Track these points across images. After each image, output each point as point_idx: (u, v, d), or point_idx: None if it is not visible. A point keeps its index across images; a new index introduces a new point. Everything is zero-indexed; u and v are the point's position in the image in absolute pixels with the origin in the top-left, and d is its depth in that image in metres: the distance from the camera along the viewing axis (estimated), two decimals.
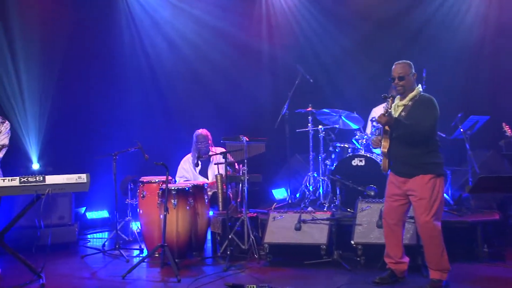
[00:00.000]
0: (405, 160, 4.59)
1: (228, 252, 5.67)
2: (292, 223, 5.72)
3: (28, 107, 7.43)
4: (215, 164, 6.52)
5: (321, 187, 7.04)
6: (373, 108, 7.01)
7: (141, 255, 6.18)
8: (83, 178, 4.91)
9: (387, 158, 4.64)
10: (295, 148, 7.83)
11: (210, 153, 6.66)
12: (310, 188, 7.21)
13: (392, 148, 4.59)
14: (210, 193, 6.48)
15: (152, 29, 8.53)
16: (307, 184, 7.28)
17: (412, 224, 5.18)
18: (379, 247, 5.10)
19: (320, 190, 7.03)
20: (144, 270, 5.59)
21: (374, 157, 6.39)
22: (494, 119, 6.78)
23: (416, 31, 8.05)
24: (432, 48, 7.88)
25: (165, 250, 5.40)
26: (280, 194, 8.07)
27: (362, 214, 5.63)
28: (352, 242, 5.48)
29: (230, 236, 5.78)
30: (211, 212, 6.32)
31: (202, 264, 5.85)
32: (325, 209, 6.47)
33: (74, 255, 6.35)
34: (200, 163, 6.62)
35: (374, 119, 6.40)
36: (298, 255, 5.62)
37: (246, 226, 5.86)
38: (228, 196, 6.11)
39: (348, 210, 6.35)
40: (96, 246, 6.69)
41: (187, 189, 5.98)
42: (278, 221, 5.82)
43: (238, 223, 5.96)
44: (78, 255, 6.30)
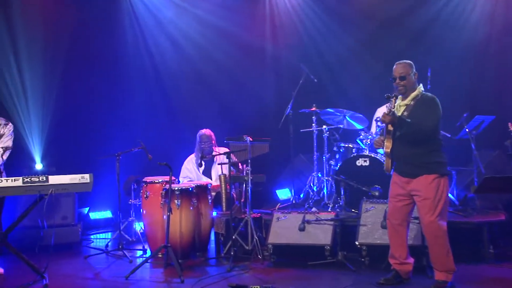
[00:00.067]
0: (408, 160, 4.57)
1: (232, 253, 5.66)
2: (296, 224, 5.70)
3: (31, 107, 7.44)
4: (219, 164, 6.50)
5: (325, 188, 7.01)
6: (377, 108, 6.98)
7: (144, 256, 6.18)
8: (86, 178, 4.90)
9: (390, 158, 4.62)
10: (299, 148, 7.81)
11: (214, 153, 6.64)
12: (314, 189, 7.20)
13: (395, 148, 4.58)
14: (214, 193, 6.46)
15: (155, 28, 8.52)
16: (311, 185, 7.26)
17: (416, 225, 5.15)
18: (384, 248, 5.08)
19: (324, 191, 7.01)
20: (147, 270, 5.59)
21: (378, 157, 6.35)
22: (500, 119, 6.73)
23: (421, 30, 8.00)
24: (437, 47, 7.84)
25: (168, 251, 5.39)
26: (284, 194, 8.04)
27: (366, 215, 5.61)
28: (357, 243, 5.46)
29: (233, 237, 5.76)
30: (214, 213, 6.31)
31: (205, 264, 5.84)
32: (329, 209, 6.44)
33: (77, 255, 6.35)
34: (203, 163, 6.60)
35: (379, 119, 6.37)
36: (302, 255, 5.60)
37: (250, 227, 5.84)
38: (231, 196, 6.10)
39: (353, 210, 6.31)
40: (99, 247, 6.70)
41: (190, 189, 5.97)
42: (282, 221, 5.81)
43: (241, 223, 5.94)
44: (81, 255, 6.30)
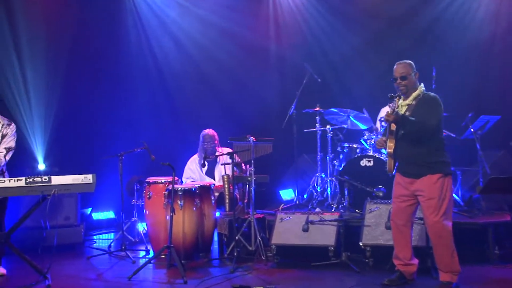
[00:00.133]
0: (411, 160, 4.56)
1: (235, 254, 5.63)
2: (299, 224, 5.67)
3: (34, 107, 7.43)
4: (222, 164, 6.48)
5: (329, 188, 7.00)
6: (381, 108, 6.95)
7: (147, 256, 6.16)
8: (89, 178, 4.89)
9: (393, 158, 4.60)
10: (303, 148, 7.79)
11: (217, 153, 6.62)
12: (318, 189, 7.18)
13: (398, 148, 4.56)
14: (217, 193, 6.44)
15: (158, 28, 8.50)
16: (315, 185, 7.25)
17: (421, 226, 5.13)
18: (388, 249, 5.06)
19: (328, 191, 6.99)
20: (150, 271, 5.57)
21: (382, 157, 6.33)
22: (505, 118, 6.71)
23: (425, 30, 7.97)
24: (442, 46, 7.80)
25: (171, 251, 5.38)
26: (287, 195, 8.03)
27: (370, 215, 5.58)
28: (361, 244, 5.44)
29: (237, 237, 5.74)
30: (217, 213, 6.29)
31: (208, 265, 5.83)
32: (333, 210, 6.43)
33: (80, 256, 6.34)
34: (206, 164, 6.59)
35: (383, 119, 6.35)
36: (305, 256, 5.57)
37: (253, 227, 5.82)
38: (235, 197, 6.08)
39: (357, 211, 6.29)
40: (102, 247, 6.69)
41: (193, 189, 5.95)
42: (285, 222, 5.78)
43: (245, 224, 5.92)
44: (84, 256, 6.29)
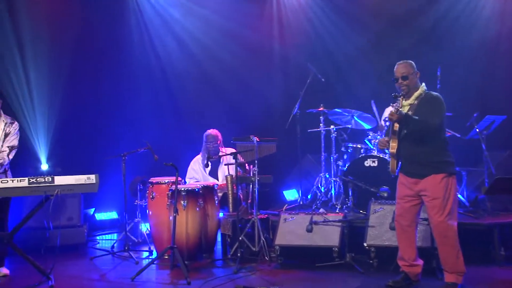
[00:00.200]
0: (415, 160, 4.55)
1: (239, 254, 5.61)
2: (303, 225, 5.65)
3: (37, 107, 7.43)
4: (225, 164, 6.46)
5: (333, 188, 6.98)
6: (385, 108, 6.91)
7: (150, 257, 6.15)
8: (92, 179, 4.89)
9: (396, 159, 4.58)
10: (307, 149, 7.78)
11: (220, 153, 6.61)
12: (322, 189, 7.17)
13: (401, 148, 4.55)
14: (220, 194, 6.43)
15: (161, 28, 8.49)
16: (319, 185, 7.24)
17: (426, 226, 5.12)
18: (392, 250, 5.04)
19: (332, 191, 6.98)
20: (153, 272, 5.56)
21: (387, 157, 6.27)
22: (511, 118, 6.66)
23: (430, 29, 7.93)
24: (447, 46, 7.76)
25: (174, 252, 5.36)
26: (291, 195, 8.00)
27: (375, 216, 5.56)
28: (365, 244, 5.41)
29: (240, 238, 5.72)
30: (221, 214, 6.27)
31: (212, 266, 5.81)
32: (337, 210, 6.42)
33: (83, 256, 6.32)
34: (210, 164, 6.56)
35: (387, 118, 6.32)
36: (309, 257, 5.55)
37: (257, 228, 5.79)
38: (238, 197, 6.06)
39: (361, 211, 6.28)
40: (105, 248, 6.67)
41: (197, 190, 5.94)
42: (289, 222, 5.76)
43: (248, 224, 5.90)
44: (87, 256, 6.27)
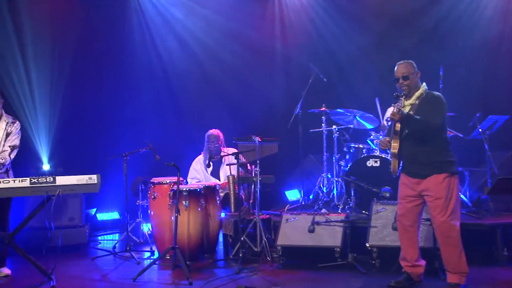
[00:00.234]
0: (416, 159, 4.54)
1: (240, 255, 5.59)
2: (305, 225, 5.63)
3: (38, 107, 7.43)
4: (227, 165, 6.44)
5: (335, 189, 6.96)
6: (387, 108, 6.90)
7: (152, 257, 6.14)
8: (93, 179, 4.88)
9: (397, 159, 4.56)
10: (309, 149, 7.76)
11: (222, 153, 6.59)
12: (324, 190, 7.15)
13: (403, 148, 4.54)
14: (222, 194, 6.41)
15: (163, 28, 8.48)
16: (321, 185, 7.22)
17: (428, 226, 5.09)
18: (395, 250, 5.01)
19: (334, 192, 6.96)
20: (155, 272, 5.55)
21: (389, 158, 6.27)
22: None
23: (433, 29, 7.90)
24: (449, 45, 7.73)
25: (176, 252, 5.35)
26: (293, 195, 7.99)
27: (377, 216, 5.54)
28: (367, 245, 5.40)
29: (242, 238, 5.70)
30: (223, 214, 6.26)
31: (213, 266, 5.80)
32: (339, 211, 6.40)
33: (84, 256, 6.32)
34: (211, 164, 6.55)
35: (389, 119, 6.31)
36: (311, 257, 5.54)
37: (259, 228, 5.78)
38: (240, 197, 6.05)
39: (363, 212, 6.26)
40: (106, 248, 6.66)
41: (198, 190, 5.93)
42: (291, 223, 5.74)
43: (250, 225, 5.89)
44: (89, 257, 6.27)
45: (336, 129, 7.06)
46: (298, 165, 7.78)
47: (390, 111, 6.69)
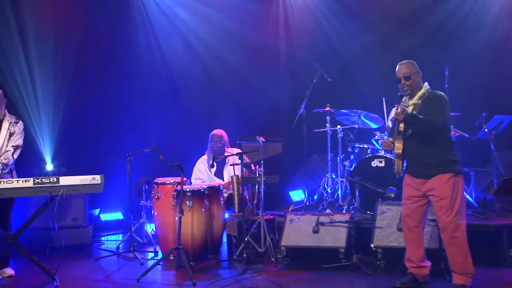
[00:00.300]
0: (421, 159, 4.51)
1: (244, 255, 5.57)
2: (309, 226, 5.61)
3: (41, 107, 7.43)
4: (231, 165, 6.43)
5: (339, 189, 6.94)
6: (392, 108, 6.85)
7: (155, 258, 6.13)
8: (97, 179, 4.87)
9: (401, 159, 4.54)
10: (313, 149, 7.74)
11: (226, 153, 6.57)
12: (328, 190, 7.13)
13: (407, 148, 4.51)
14: (226, 194, 6.39)
15: (167, 28, 8.47)
16: (325, 186, 7.20)
17: (433, 227, 5.07)
18: (400, 251, 5.00)
19: (339, 192, 6.94)
20: (158, 273, 5.54)
21: (393, 158, 6.23)
22: None
23: (438, 28, 7.86)
24: (455, 45, 7.69)
25: (180, 253, 5.34)
26: (297, 196, 7.97)
27: (382, 217, 5.51)
28: (372, 246, 5.37)
29: (246, 239, 5.68)
30: (226, 214, 6.24)
31: (217, 267, 5.78)
32: (343, 211, 6.38)
33: (88, 257, 6.32)
34: (215, 164, 6.53)
35: (393, 118, 6.28)
36: (316, 258, 5.51)
37: (263, 229, 5.76)
38: (244, 198, 6.04)
39: (368, 212, 6.23)
40: (110, 248, 6.65)
41: (202, 190, 5.91)
42: (295, 223, 5.72)
43: (254, 225, 5.86)
44: (92, 257, 6.26)
45: (341, 129, 7.03)
46: (303, 165, 7.75)
47: (394, 111, 6.68)
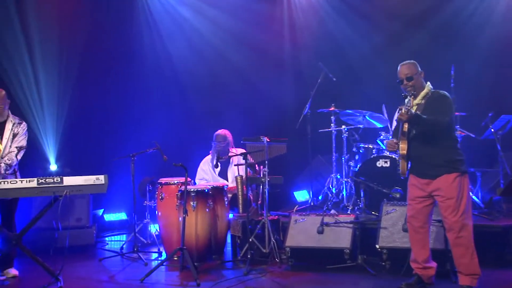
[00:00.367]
0: (426, 160, 4.49)
1: (249, 256, 5.55)
2: (314, 226, 5.58)
3: (46, 108, 7.45)
4: (235, 165, 6.41)
5: (344, 189, 6.92)
6: (396, 110, 6.83)
7: (159, 258, 6.13)
8: (101, 179, 4.87)
9: (406, 160, 4.52)
10: (318, 149, 7.72)
11: (230, 154, 6.55)
12: (333, 190, 7.11)
13: (412, 148, 4.50)
14: (230, 195, 6.37)
15: (171, 28, 8.46)
16: (330, 186, 7.18)
17: (438, 228, 5.03)
18: (405, 252, 4.96)
19: (344, 192, 6.92)
20: (162, 273, 5.54)
21: (399, 158, 6.20)
22: None
23: (444, 27, 7.81)
24: (461, 44, 7.63)
25: (184, 253, 5.33)
26: (302, 196, 7.95)
27: (387, 217, 5.48)
28: (377, 246, 5.33)
29: (250, 239, 5.66)
30: (231, 215, 6.22)
31: (221, 267, 5.77)
32: (348, 212, 6.37)
33: (92, 257, 6.32)
34: (219, 165, 6.51)
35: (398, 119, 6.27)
36: (320, 259, 5.48)
37: (267, 229, 5.74)
38: (248, 198, 6.02)
39: (373, 213, 6.21)
40: (114, 249, 6.64)
41: (206, 190, 5.89)
42: (300, 224, 5.69)
43: (258, 226, 5.84)
44: (96, 257, 6.26)
45: (346, 129, 7.01)
46: (307, 165, 7.73)
47: (398, 112, 6.65)
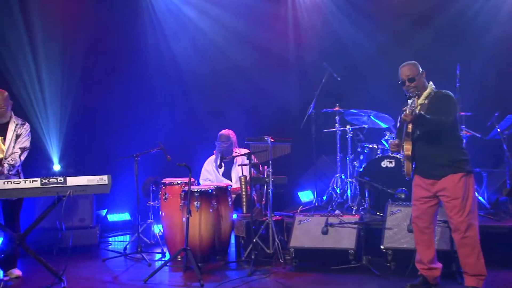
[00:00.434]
0: (430, 160, 4.47)
1: (253, 256, 5.53)
2: (318, 227, 5.56)
3: (49, 108, 7.45)
4: (239, 165, 6.38)
5: (349, 190, 6.91)
6: (402, 109, 6.79)
7: (163, 259, 6.11)
8: (104, 179, 4.85)
9: (411, 161, 4.50)
10: (322, 149, 7.71)
11: (234, 154, 6.53)
12: (338, 191, 7.09)
13: (416, 149, 4.48)
14: (234, 195, 6.35)
15: (175, 27, 8.47)
16: (334, 186, 7.17)
17: (444, 228, 5.01)
18: (410, 252, 4.93)
19: (348, 193, 6.90)
20: (166, 274, 5.51)
21: (403, 159, 6.18)
22: None
23: (449, 27, 7.79)
24: (466, 43, 7.60)
25: (187, 254, 5.31)
26: (306, 196, 7.95)
27: (392, 218, 5.45)
28: (382, 247, 5.30)
29: (254, 240, 5.63)
30: (234, 215, 6.21)
31: (225, 268, 5.75)
32: (353, 212, 6.36)
33: (95, 258, 6.30)
34: (223, 165, 6.49)
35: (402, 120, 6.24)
36: (325, 260, 5.46)
37: (271, 230, 5.72)
38: (252, 198, 6.00)
39: (378, 213, 6.18)
40: (117, 249, 6.64)
41: (210, 191, 5.88)
42: (304, 224, 5.67)
43: (262, 226, 5.83)
44: (99, 258, 6.25)
45: (350, 129, 6.99)
46: (311, 165, 7.72)
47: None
